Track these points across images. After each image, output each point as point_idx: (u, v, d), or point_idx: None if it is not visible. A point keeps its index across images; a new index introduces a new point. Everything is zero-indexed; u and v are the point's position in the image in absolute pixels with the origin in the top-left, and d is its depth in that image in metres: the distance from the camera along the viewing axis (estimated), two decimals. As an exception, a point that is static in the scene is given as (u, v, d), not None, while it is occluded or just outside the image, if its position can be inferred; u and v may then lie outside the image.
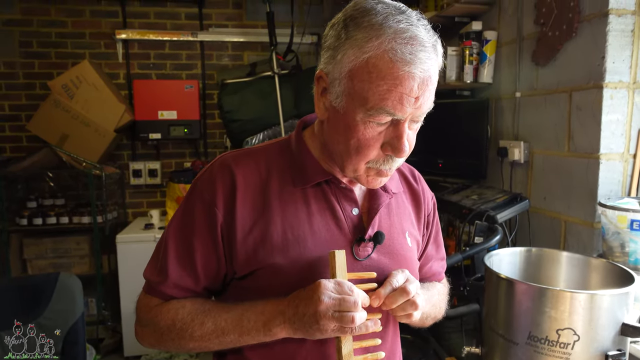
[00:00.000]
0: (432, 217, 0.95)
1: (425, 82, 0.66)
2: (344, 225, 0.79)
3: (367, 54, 0.65)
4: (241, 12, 3.25)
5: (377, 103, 0.66)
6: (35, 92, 3.06)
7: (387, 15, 0.66)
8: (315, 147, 0.81)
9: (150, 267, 0.82)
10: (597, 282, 1.24)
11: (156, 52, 3.19)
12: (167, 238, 0.80)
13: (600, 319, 1.03)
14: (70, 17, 3.06)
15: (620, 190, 1.47)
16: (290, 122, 2.92)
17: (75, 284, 1.57)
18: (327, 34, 0.73)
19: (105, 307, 2.95)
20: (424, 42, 0.66)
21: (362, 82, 0.66)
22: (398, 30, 0.65)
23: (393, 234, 0.83)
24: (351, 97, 0.68)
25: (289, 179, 0.78)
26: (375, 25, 0.66)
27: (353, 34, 0.67)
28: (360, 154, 0.71)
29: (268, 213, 0.76)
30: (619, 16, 1.40)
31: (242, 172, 0.77)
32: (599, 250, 1.45)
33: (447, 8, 2.07)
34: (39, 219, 2.81)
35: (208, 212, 0.76)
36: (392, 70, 0.65)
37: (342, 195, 0.80)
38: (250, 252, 0.75)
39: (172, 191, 2.86)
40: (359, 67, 0.66)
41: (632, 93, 1.44)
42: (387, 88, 0.65)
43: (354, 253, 0.78)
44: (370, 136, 0.70)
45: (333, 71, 0.70)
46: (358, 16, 0.68)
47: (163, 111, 3.04)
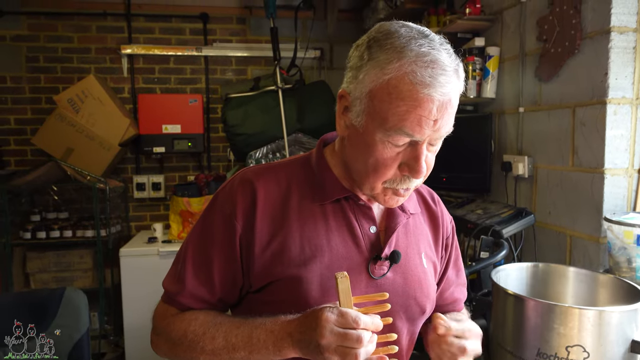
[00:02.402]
0: (450, 241, 0.95)
1: (445, 105, 0.67)
2: (362, 242, 0.80)
3: (387, 75, 0.67)
4: (245, 28, 3.29)
5: (396, 124, 0.67)
6: (40, 106, 3.08)
7: (410, 38, 0.68)
8: (335, 164, 0.82)
9: (169, 276, 0.85)
10: (605, 298, 1.24)
11: (161, 66, 3.22)
12: (187, 248, 0.82)
13: (610, 336, 1.02)
14: (76, 33, 3.10)
15: (626, 205, 1.47)
16: (294, 136, 2.94)
17: (81, 299, 1.57)
18: (351, 55, 0.75)
19: (108, 321, 2.93)
20: (445, 66, 0.67)
21: (382, 103, 0.68)
22: (419, 53, 0.66)
23: (409, 254, 0.84)
24: (371, 116, 0.70)
25: (308, 195, 0.80)
26: (398, 47, 0.67)
27: (375, 55, 0.69)
28: (378, 173, 0.73)
29: (287, 227, 0.77)
30: (620, 33, 1.42)
31: (263, 186, 0.79)
32: (605, 265, 1.44)
33: (449, 24, 2.09)
34: (42, 233, 2.81)
35: (227, 224, 0.77)
36: (412, 92, 0.66)
37: (360, 213, 0.81)
38: (267, 265, 0.76)
39: (176, 205, 2.86)
40: (379, 87, 0.68)
41: (635, 109, 1.45)
42: (406, 109, 0.66)
43: (369, 271, 0.79)
44: (388, 156, 0.71)
45: (355, 90, 0.72)
46: (381, 38, 0.70)
47: (167, 125, 3.06)
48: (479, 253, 1.59)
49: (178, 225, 2.88)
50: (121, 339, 2.86)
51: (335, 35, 3.16)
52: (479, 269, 1.49)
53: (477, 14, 2.02)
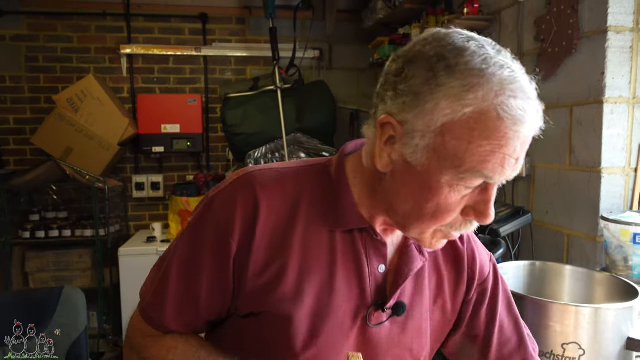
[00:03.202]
0: (490, 284, 0.80)
1: (528, 140, 0.57)
2: (367, 284, 0.69)
3: (468, 108, 0.54)
4: (244, 28, 3.30)
5: (475, 166, 0.55)
6: (40, 106, 3.08)
7: (485, 57, 0.55)
8: (356, 183, 0.69)
9: (149, 287, 0.73)
10: (602, 296, 1.25)
11: (160, 66, 3.22)
12: (172, 260, 0.70)
13: (606, 333, 1.03)
14: (76, 33, 3.10)
15: (622, 204, 1.48)
16: (293, 136, 2.95)
17: (79, 297, 1.57)
18: (400, 72, 0.59)
19: (107, 320, 2.93)
20: (531, 94, 0.56)
21: (458, 141, 0.55)
22: (504, 79, 0.55)
23: (414, 303, 0.73)
24: (438, 155, 0.57)
25: (319, 216, 0.68)
26: (475, 70, 0.55)
27: (447, 80, 0.55)
28: (437, 219, 0.61)
29: (287, 253, 0.66)
30: (617, 33, 1.43)
31: (267, 199, 0.66)
32: (602, 264, 1.45)
33: (447, 24, 2.10)
34: (41, 232, 2.81)
35: (222, 242, 0.66)
36: (500, 129, 0.54)
37: (372, 248, 0.69)
38: (258, 293, 0.66)
39: (175, 204, 2.87)
40: (456, 122, 0.55)
41: (632, 108, 1.46)
42: (490, 149, 0.55)
43: (367, 317, 0.69)
44: (454, 200, 0.59)
45: (414, 121, 0.57)
46: (450, 57, 0.56)
47: (166, 125, 3.06)
48: (476, 252, 1.59)
49: (177, 224, 2.88)
50: (120, 339, 2.86)
51: (334, 36, 3.17)
52: (476, 267, 1.49)
53: (475, 14, 2.02)
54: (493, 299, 0.80)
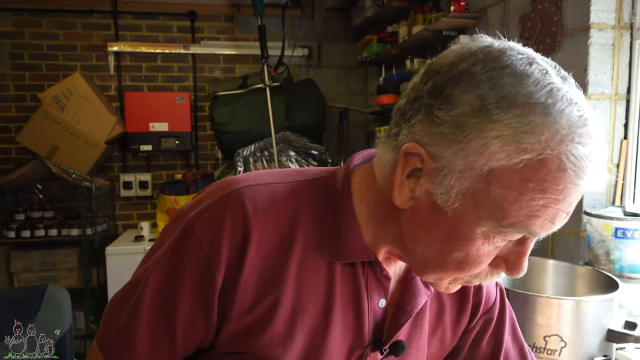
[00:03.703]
0: (495, 314, 0.72)
1: (584, 191, 0.48)
2: (365, 321, 0.60)
3: (527, 155, 0.44)
4: (233, 26, 3.28)
5: (522, 220, 0.46)
6: (25, 104, 3.05)
7: (552, 89, 0.45)
8: (362, 206, 0.59)
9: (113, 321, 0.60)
10: (584, 289, 1.26)
11: (148, 64, 3.20)
12: (143, 292, 0.58)
13: (586, 325, 1.04)
14: (62, 30, 3.07)
15: (605, 199, 1.50)
16: (281, 134, 2.95)
17: (63, 296, 1.55)
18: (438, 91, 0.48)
19: (94, 320, 2.91)
20: (599, 138, 0.46)
21: (506, 190, 0.45)
22: (573, 120, 0.44)
23: (412, 342, 0.65)
24: (478, 203, 0.47)
25: (316, 244, 0.58)
26: (538, 106, 0.44)
27: (501, 115, 0.44)
28: (462, 270, 0.52)
29: (279, 288, 0.56)
30: (599, 30, 1.45)
31: (260, 224, 0.56)
32: (585, 258, 1.47)
33: (435, 22, 2.11)
34: (26, 232, 2.78)
35: (205, 274, 0.55)
36: (560, 182, 0.45)
37: (374, 281, 0.60)
38: (243, 333, 0.57)
39: (163, 203, 2.85)
40: (508, 169, 0.45)
41: (614, 104, 1.48)
42: (544, 204, 0.45)
43: (362, 358, 0.61)
44: (486, 252, 0.50)
45: (452, 159, 0.47)
46: (507, 84, 0.45)
47: (154, 123, 3.04)
48: (462, 247, 1.60)
49: (165, 223, 2.85)
50: (107, 339, 2.83)
51: (322, 34, 3.17)
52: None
53: (461, 11, 2.04)
54: (498, 327, 0.73)
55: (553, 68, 0.48)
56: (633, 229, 1.26)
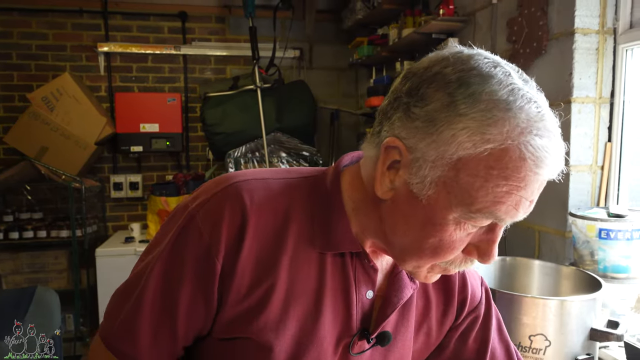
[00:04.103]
0: (482, 312, 0.75)
1: (545, 182, 0.53)
2: (353, 311, 0.64)
3: (490, 144, 0.49)
4: (224, 27, 3.28)
5: (488, 206, 0.51)
6: (13, 104, 3.02)
7: (513, 87, 0.50)
8: (352, 202, 0.63)
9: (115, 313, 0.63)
10: (568, 289, 1.29)
11: (138, 65, 3.19)
12: (146, 285, 0.61)
13: (570, 325, 1.07)
14: (51, 30, 3.05)
15: (590, 201, 1.53)
16: (273, 135, 2.95)
17: (52, 298, 1.55)
18: (414, 91, 0.54)
19: (84, 322, 2.89)
20: (556, 132, 0.51)
21: (473, 178, 0.50)
22: (531, 115, 0.49)
23: (398, 334, 0.68)
24: (448, 190, 0.52)
25: (307, 236, 0.62)
26: (501, 102, 0.49)
27: (467, 110, 0.50)
28: (437, 256, 0.56)
29: (274, 275, 0.60)
30: (584, 35, 1.48)
31: (256, 214, 0.60)
32: (570, 258, 1.49)
33: (424, 25, 2.14)
34: (15, 233, 2.76)
35: (205, 260, 0.59)
36: (521, 170, 0.49)
37: (361, 273, 0.64)
38: (239, 318, 0.61)
39: (154, 204, 2.84)
40: (474, 158, 0.50)
41: (598, 108, 1.51)
42: (506, 190, 0.50)
43: (349, 345, 0.65)
44: (458, 238, 0.55)
45: (424, 150, 0.52)
46: (474, 82, 0.50)
47: (145, 124, 3.03)
48: (451, 248, 1.62)
49: (156, 224, 2.85)
50: (97, 341, 2.82)
51: (313, 36, 3.19)
52: (450, 263, 1.53)
53: (450, 15, 2.06)
54: (485, 325, 0.76)
55: (516, 72, 0.53)
56: (616, 230, 1.29)
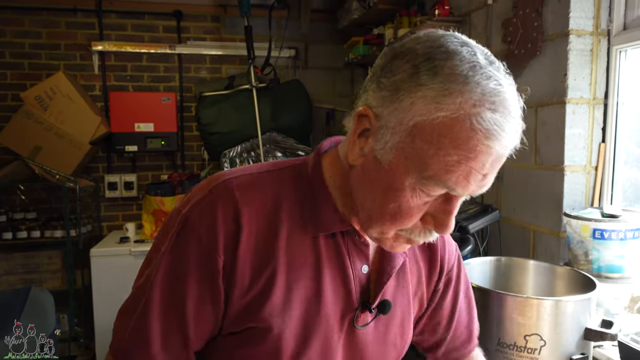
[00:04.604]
0: (455, 274, 0.81)
1: (501, 158, 0.55)
2: (352, 286, 0.68)
3: (443, 112, 0.52)
4: (219, 26, 3.27)
5: (439, 174, 0.53)
6: (6, 103, 2.99)
7: (475, 65, 0.53)
8: (334, 182, 0.67)
9: (123, 327, 0.64)
10: (563, 289, 1.30)
11: (133, 64, 3.17)
12: (151, 293, 0.62)
13: (565, 324, 1.07)
14: (45, 28, 3.03)
15: (584, 201, 1.54)
16: (268, 135, 2.95)
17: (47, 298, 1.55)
18: (386, 65, 0.58)
19: (78, 323, 2.87)
20: (512, 111, 0.54)
21: (427, 145, 0.53)
22: (488, 90, 0.52)
23: (397, 300, 0.73)
24: (406, 156, 0.55)
25: (299, 222, 0.65)
26: (460, 76, 0.52)
27: (428, 80, 0.53)
28: (396, 222, 0.59)
29: (273, 265, 0.63)
30: (578, 36, 1.49)
31: (248, 209, 0.62)
32: (565, 258, 1.50)
33: (420, 25, 2.14)
34: (8, 234, 2.73)
35: (207, 260, 0.61)
36: (470, 141, 0.52)
37: (354, 249, 0.68)
38: (246, 310, 0.63)
39: (149, 204, 2.83)
40: (428, 125, 0.53)
41: (592, 109, 1.52)
42: (456, 160, 0.52)
43: (354, 319, 0.68)
44: (415, 205, 0.57)
45: (388, 116, 0.56)
46: (438, 57, 0.53)
47: (140, 123, 3.02)
48: (446, 248, 1.63)
49: (151, 224, 2.85)
50: (92, 342, 2.80)
51: (309, 35, 3.18)
52: (446, 263, 1.53)
53: (446, 15, 2.07)
54: (456, 288, 0.81)
55: (482, 53, 0.55)
56: (610, 230, 1.30)
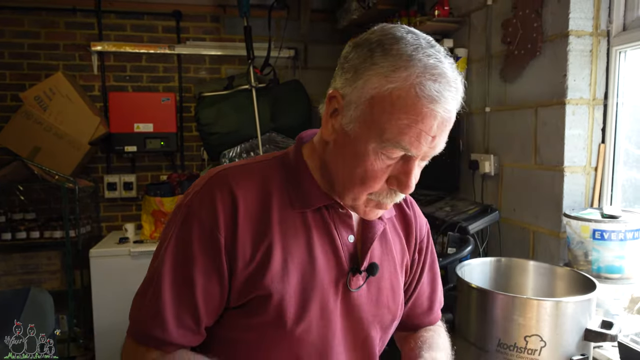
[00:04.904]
0: (425, 244, 0.92)
1: (445, 122, 0.65)
2: (341, 253, 0.77)
3: (392, 85, 0.63)
4: (219, 26, 3.27)
5: (395, 136, 0.64)
6: (5, 103, 2.99)
7: (418, 47, 0.64)
8: (314, 166, 0.77)
9: (140, 309, 0.72)
10: (563, 290, 1.30)
11: (132, 64, 3.17)
12: (161, 273, 0.70)
13: (565, 325, 1.07)
14: (44, 28, 3.02)
15: (584, 202, 1.54)
16: (268, 135, 2.94)
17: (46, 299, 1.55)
18: (348, 54, 0.70)
19: (77, 323, 2.87)
20: (451, 81, 0.65)
21: (382, 112, 0.64)
22: (428, 65, 0.63)
23: (384, 263, 0.82)
24: (367, 125, 0.66)
25: (287, 200, 0.75)
26: (405, 55, 0.64)
27: (380, 60, 0.65)
28: (365, 185, 0.69)
29: (269, 238, 0.72)
30: (578, 37, 1.49)
31: (242, 191, 0.72)
32: (564, 259, 1.50)
33: (419, 26, 2.14)
34: (7, 234, 2.73)
35: (210, 239, 0.69)
36: (416, 106, 0.63)
37: (339, 221, 0.78)
38: (249, 281, 0.71)
39: (148, 204, 2.82)
40: (382, 96, 0.64)
41: (592, 109, 1.52)
42: (407, 123, 0.63)
43: (347, 282, 0.77)
44: (379, 168, 0.68)
45: (351, 94, 0.67)
46: (387, 43, 0.65)
47: (139, 124, 3.01)
48: (446, 249, 1.63)
49: (150, 225, 2.84)
50: (91, 342, 2.80)
51: (308, 35, 3.18)
52: (445, 264, 1.53)
53: (445, 16, 2.07)
54: (424, 260, 0.92)
55: (424, 38, 0.67)
56: (610, 231, 1.30)
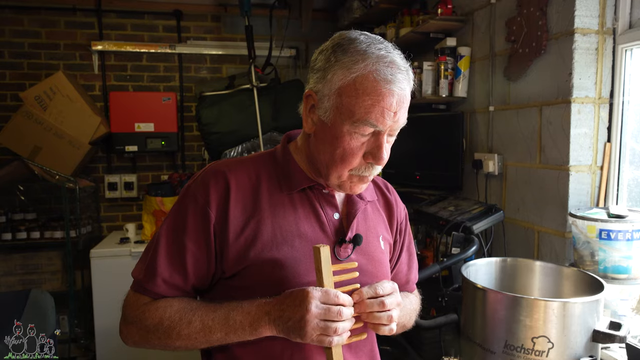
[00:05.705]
0: (404, 226, 1.04)
1: (402, 99, 0.79)
2: (327, 228, 0.88)
3: (354, 74, 0.77)
4: (220, 25, 3.26)
5: (362, 116, 0.77)
6: (5, 103, 2.98)
7: (370, 43, 0.80)
8: (300, 159, 0.89)
9: (139, 266, 0.87)
10: (569, 290, 1.28)
11: (133, 64, 3.16)
12: (158, 238, 0.85)
13: (573, 326, 1.06)
14: (44, 28, 3.01)
15: (589, 201, 1.53)
16: (269, 134, 2.93)
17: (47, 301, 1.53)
18: (315, 59, 0.84)
19: (78, 324, 2.86)
20: (400, 66, 0.79)
21: (349, 98, 0.78)
22: (380, 55, 0.78)
23: (369, 237, 0.92)
24: (339, 111, 0.79)
25: (277, 185, 0.87)
26: (361, 51, 0.78)
27: (341, 57, 0.79)
28: (345, 162, 0.81)
29: (259, 214, 0.83)
30: (584, 35, 1.47)
31: (234, 176, 0.85)
32: (570, 259, 1.49)
33: (422, 24, 2.12)
34: (8, 234, 2.72)
35: (201, 213, 0.82)
36: (376, 88, 0.76)
37: (324, 201, 0.89)
38: (241, 251, 0.81)
39: (149, 204, 2.81)
40: (347, 85, 0.78)
41: (597, 108, 1.51)
42: (371, 103, 0.76)
43: (335, 253, 0.87)
44: (355, 146, 0.80)
45: (322, 89, 0.81)
46: (345, 43, 0.80)
47: (140, 123, 3.00)
48: (450, 249, 1.61)
49: (151, 225, 2.83)
50: (92, 343, 2.79)
51: (309, 35, 3.17)
52: (450, 264, 1.52)
53: (448, 14, 2.05)
54: (403, 240, 1.03)
55: (376, 38, 0.81)
56: (617, 231, 1.28)
